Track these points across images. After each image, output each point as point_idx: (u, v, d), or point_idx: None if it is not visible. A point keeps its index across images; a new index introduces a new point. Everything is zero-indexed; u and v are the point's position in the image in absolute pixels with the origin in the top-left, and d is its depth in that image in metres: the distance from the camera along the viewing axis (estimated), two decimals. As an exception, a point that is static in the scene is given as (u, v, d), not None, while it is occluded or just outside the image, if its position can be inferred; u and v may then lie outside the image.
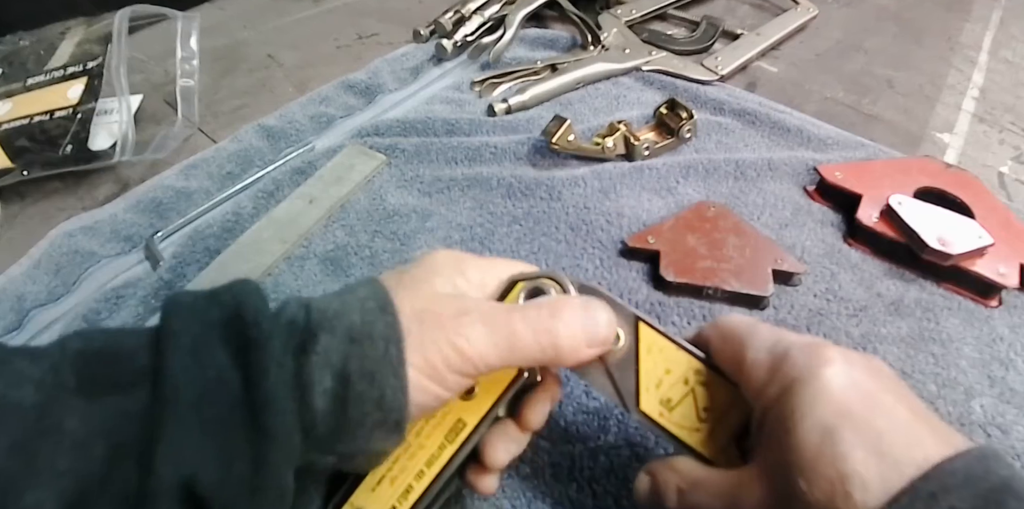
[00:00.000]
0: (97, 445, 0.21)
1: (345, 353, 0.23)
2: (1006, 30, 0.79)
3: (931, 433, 0.23)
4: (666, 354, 0.29)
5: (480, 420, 0.28)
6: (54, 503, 0.20)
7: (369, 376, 0.23)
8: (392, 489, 0.28)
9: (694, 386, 0.28)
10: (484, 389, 0.28)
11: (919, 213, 0.47)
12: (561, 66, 0.65)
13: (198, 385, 0.22)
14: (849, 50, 0.74)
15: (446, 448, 0.28)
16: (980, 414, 0.40)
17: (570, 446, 0.37)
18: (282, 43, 0.73)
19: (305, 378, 0.23)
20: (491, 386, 0.28)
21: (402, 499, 0.28)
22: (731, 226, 0.48)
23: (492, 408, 0.28)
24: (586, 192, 0.52)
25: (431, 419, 0.28)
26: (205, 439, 0.21)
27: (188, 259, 0.47)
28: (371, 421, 0.23)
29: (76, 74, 0.59)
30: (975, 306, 0.46)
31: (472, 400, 0.28)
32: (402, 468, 0.28)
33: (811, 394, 0.24)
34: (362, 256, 0.48)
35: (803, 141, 0.59)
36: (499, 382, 0.28)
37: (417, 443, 0.28)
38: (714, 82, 0.66)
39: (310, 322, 0.24)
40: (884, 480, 0.21)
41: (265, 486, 0.22)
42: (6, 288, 0.46)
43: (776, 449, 0.24)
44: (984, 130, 0.64)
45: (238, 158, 0.56)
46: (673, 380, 0.29)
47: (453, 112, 0.62)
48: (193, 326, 0.23)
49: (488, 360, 0.24)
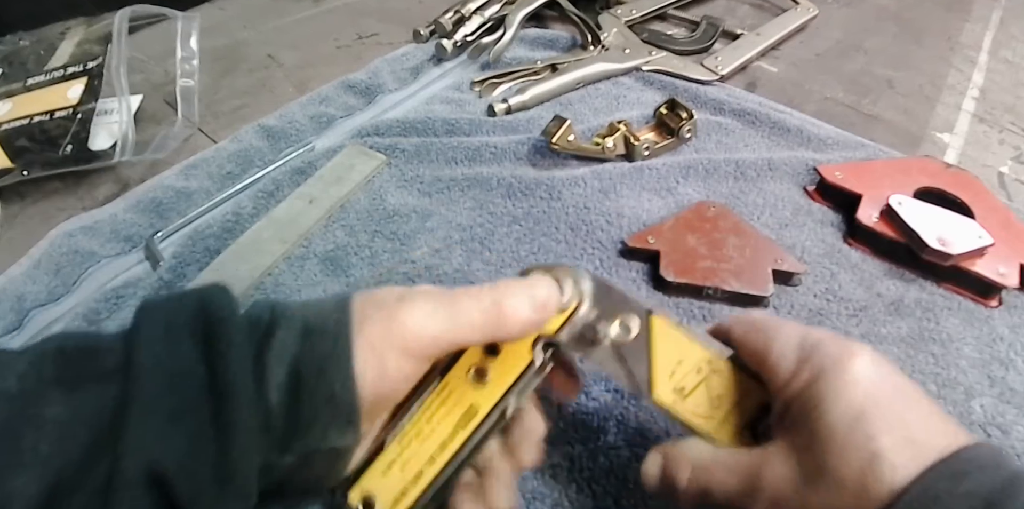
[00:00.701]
0: (80, 432, 0.21)
1: (298, 347, 0.24)
2: (1006, 30, 0.79)
3: (949, 426, 0.25)
4: (679, 345, 0.30)
5: (493, 406, 0.28)
6: (36, 487, 0.20)
7: (319, 370, 0.24)
8: (403, 474, 0.28)
9: (707, 375, 0.29)
10: (497, 375, 0.29)
11: (919, 213, 0.47)
12: (561, 66, 0.66)
13: (165, 376, 0.22)
14: (849, 50, 0.74)
15: (458, 433, 0.28)
16: (980, 414, 0.40)
17: (570, 447, 0.37)
18: (282, 43, 0.73)
19: (262, 372, 0.23)
20: (504, 372, 0.29)
21: (413, 484, 0.28)
22: (731, 226, 0.48)
23: (505, 394, 0.28)
24: (586, 192, 0.52)
25: (443, 405, 0.28)
26: (171, 427, 0.22)
27: (188, 259, 0.47)
28: (324, 416, 0.24)
29: (76, 74, 0.59)
30: (975, 306, 0.46)
31: (485, 387, 0.29)
32: (413, 453, 0.28)
33: (843, 381, 0.25)
34: (362, 256, 0.48)
35: (803, 141, 0.59)
36: (512, 368, 0.29)
37: (429, 428, 0.28)
38: (714, 82, 0.66)
39: (272, 319, 0.25)
40: (911, 461, 0.23)
41: (230, 478, 0.22)
42: (6, 288, 0.46)
43: (805, 431, 0.25)
44: (984, 130, 0.64)
45: (238, 158, 0.56)
46: (686, 369, 0.30)
47: (453, 112, 0.62)
48: (163, 322, 0.24)
49: (431, 332, 0.25)
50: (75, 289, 0.47)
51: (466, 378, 0.29)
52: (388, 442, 0.28)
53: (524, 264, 0.47)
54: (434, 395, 0.29)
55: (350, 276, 0.47)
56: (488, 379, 0.29)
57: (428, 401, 0.29)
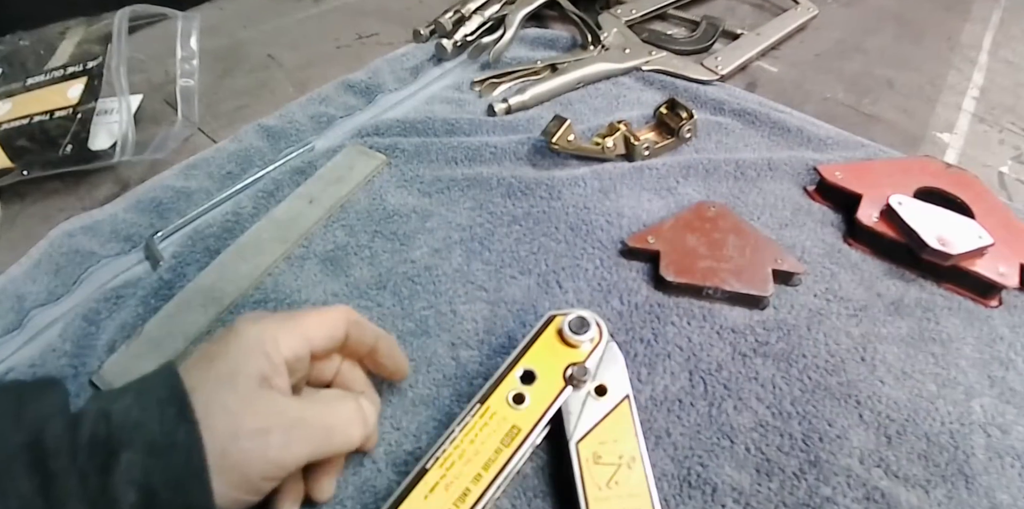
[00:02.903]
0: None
1: (147, 467, 0.24)
2: (1006, 30, 0.79)
3: None
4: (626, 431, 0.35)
5: (534, 425, 0.32)
6: None
7: (174, 485, 0.24)
8: (448, 494, 0.30)
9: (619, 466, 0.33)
10: (535, 400, 0.33)
11: (919, 213, 0.47)
12: (561, 66, 0.65)
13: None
14: (849, 50, 0.74)
15: (503, 451, 0.31)
16: (980, 414, 0.40)
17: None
18: (282, 43, 0.73)
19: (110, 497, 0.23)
20: (542, 397, 0.33)
21: (459, 502, 0.29)
22: (731, 226, 0.48)
23: (544, 414, 0.32)
24: (586, 192, 0.52)
25: (486, 427, 0.31)
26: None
27: (188, 259, 0.47)
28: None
29: (76, 74, 0.59)
30: (975, 306, 0.46)
31: (525, 409, 0.33)
32: (457, 474, 0.30)
33: None
34: (362, 256, 0.48)
35: (803, 141, 0.59)
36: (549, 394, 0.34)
37: (472, 449, 0.31)
38: (714, 82, 0.66)
39: (111, 438, 0.25)
40: None
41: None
42: (6, 288, 0.46)
43: None
44: (984, 130, 0.64)
45: (238, 158, 0.56)
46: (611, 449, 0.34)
47: (453, 112, 0.62)
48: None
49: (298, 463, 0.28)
50: (75, 289, 0.47)
51: (506, 402, 0.33)
52: (428, 467, 0.30)
53: (524, 264, 0.47)
54: (477, 417, 0.32)
55: (350, 276, 0.47)
56: (527, 403, 0.33)
57: (471, 424, 0.32)
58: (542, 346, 0.36)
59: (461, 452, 0.31)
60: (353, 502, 0.34)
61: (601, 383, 0.35)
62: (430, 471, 0.30)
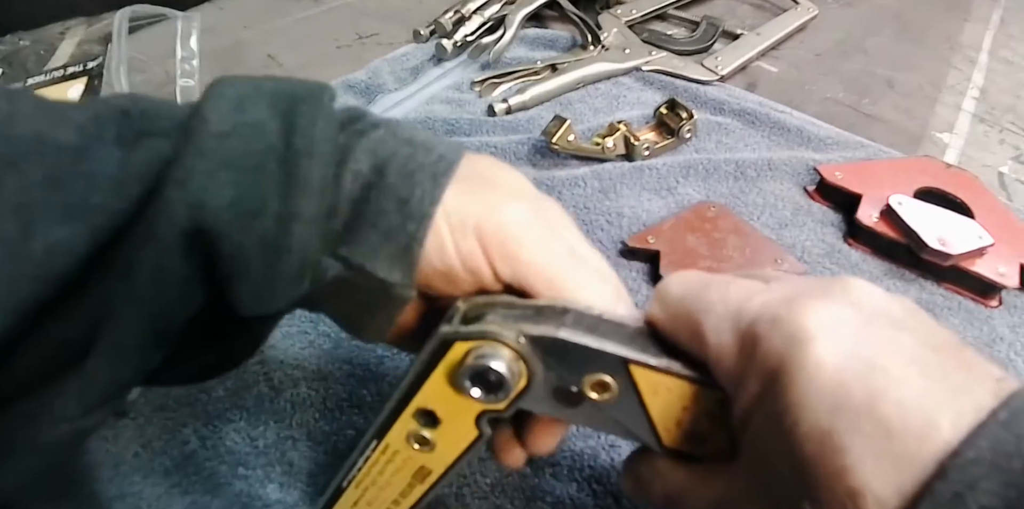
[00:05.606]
0: (132, 186, 0.20)
1: (394, 149, 0.23)
2: (1006, 30, 0.79)
3: (950, 396, 0.17)
4: (677, 392, 0.23)
5: (448, 467, 0.26)
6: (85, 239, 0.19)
7: (407, 174, 0.22)
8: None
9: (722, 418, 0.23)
10: (444, 445, 0.26)
11: (919, 213, 0.47)
12: (561, 66, 0.65)
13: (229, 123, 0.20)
14: (849, 50, 0.74)
15: (416, 487, 0.27)
16: (980, 414, 0.40)
17: (570, 445, 0.37)
18: (282, 43, 0.73)
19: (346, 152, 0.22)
20: (452, 443, 0.26)
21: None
22: (731, 226, 0.48)
23: (457, 460, 0.26)
24: (586, 192, 0.52)
25: (390, 463, 0.27)
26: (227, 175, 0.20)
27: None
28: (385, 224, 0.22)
29: (76, 74, 0.59)
30: (975, 306, 0.46)
31: (433, 452, 0.26)
32: (375, 496, 0.28)
33: (798, 391, 0.18)
34: (362, 256, 0.48)
35: (803, 141, 0.59)
36: (460, 441, 0.26)
37: (383, 480, 0.27)
38: (714, 82, 0.66)
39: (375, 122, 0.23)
40: (900, 488, 0.17)
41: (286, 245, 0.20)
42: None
43: (769, 461, 0.20)
44: (984, 130, 0.64)
45: (238, 158, 0.56)
46: (694, 416, 0.23)
47: (453, 112, 0.62)
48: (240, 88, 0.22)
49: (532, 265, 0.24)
50: (75, 289, 0.47)
51: (407, 444, 0.26)
52: (344, 486, 0.28)
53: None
54: (377, 453, 0.26)
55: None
56: (434, 447, 0.26)
57: (374, 458, 0.26)
58: (437, 384, 0.24)
59: (373, 480, 0.27)
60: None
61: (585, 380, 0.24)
62: (346, 491, 0.28)
